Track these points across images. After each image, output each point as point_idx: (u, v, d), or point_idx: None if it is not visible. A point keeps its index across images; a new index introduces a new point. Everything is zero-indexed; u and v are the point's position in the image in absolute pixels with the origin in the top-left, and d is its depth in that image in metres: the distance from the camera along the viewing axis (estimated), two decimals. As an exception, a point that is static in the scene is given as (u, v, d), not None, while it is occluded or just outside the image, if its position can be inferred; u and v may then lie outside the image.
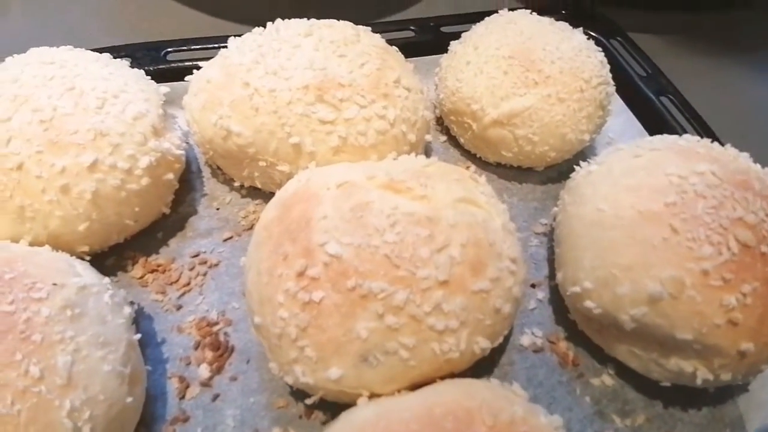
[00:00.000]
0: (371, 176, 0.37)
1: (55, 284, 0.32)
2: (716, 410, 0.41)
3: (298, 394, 0.38)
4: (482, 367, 0.38)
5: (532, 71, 0.47)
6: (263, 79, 0.43)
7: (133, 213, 0.41)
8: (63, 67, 0.42)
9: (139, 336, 0.36)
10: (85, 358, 0.30)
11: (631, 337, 0.37)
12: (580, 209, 0.40)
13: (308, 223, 0.34)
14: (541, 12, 0.55)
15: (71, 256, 0.37)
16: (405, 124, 0.46)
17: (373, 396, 0.32)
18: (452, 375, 0.34)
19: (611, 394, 0.41)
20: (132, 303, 0.38)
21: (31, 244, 0.37)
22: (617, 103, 0.60)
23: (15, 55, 0.45)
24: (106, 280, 0.37)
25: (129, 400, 0.32)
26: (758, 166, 0.40)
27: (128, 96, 0.42)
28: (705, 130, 0.55)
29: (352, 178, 0.37)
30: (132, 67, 0.48)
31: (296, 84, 0.43)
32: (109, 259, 0.44)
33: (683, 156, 0.38)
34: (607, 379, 0.41)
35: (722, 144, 0.43)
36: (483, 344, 0.33)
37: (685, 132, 0.55)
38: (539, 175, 0.54)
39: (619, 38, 0.66)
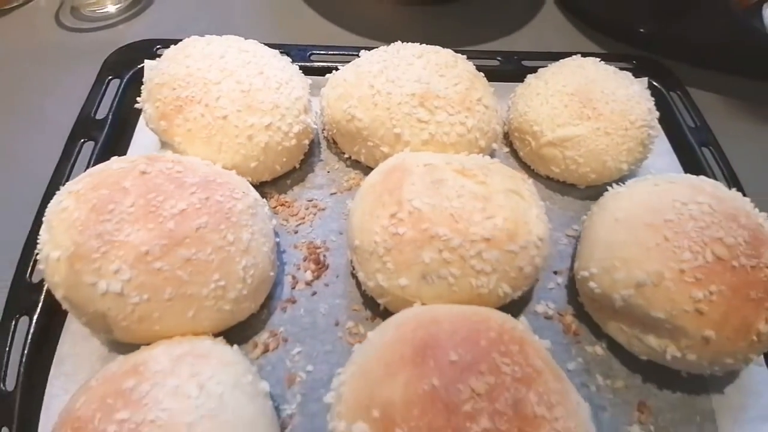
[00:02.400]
0: (449, 162, 0.53)
1: (244, 192, 0.51)
2: (689, 397, 0.49)
3: (369, 304, 0.54)
4: (502, 315, 0.52)
5: (587, 107, 0.60)
6: (384, 85, 0.60)
7: (281, 162, 0.60)
8: (255, 56, 0.61)
9: (278, 240, 0.55)
10: (256, 240, 0.49)
11: (620, 314, 0.49)
12: (602, 216, 0.52)
13: (401, 185, 0.50)
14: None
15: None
16: (479, 132, 0.61)
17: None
18: (480, 311, 0.49)
19: (600, 360, 0.52)
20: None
21: (223, 168, 0.56)
22: (664, 146, 0.70)
23: (215, 36, 0.63)
24: (263, 200, 0.56)
25: (271, 274, 0.51)
26: (756, 210, 0.49)
27: (293, 84, 0.61)
28: (734, 183, 0.64)
29: (435, 162, 0.53)
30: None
31: (406, 91, 0.59)
32: (257, 190, 0.64)
33: (691, 189, 0.49)
34: (599, 349, 0.53)
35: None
36: (506, 289, 0.47)
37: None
38: (580, 192, 0.66)
39: (678, 92, 0.75)
